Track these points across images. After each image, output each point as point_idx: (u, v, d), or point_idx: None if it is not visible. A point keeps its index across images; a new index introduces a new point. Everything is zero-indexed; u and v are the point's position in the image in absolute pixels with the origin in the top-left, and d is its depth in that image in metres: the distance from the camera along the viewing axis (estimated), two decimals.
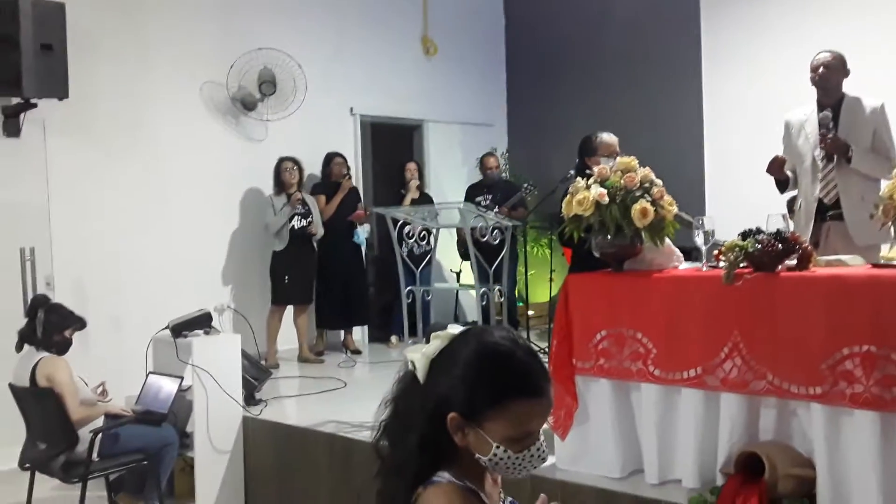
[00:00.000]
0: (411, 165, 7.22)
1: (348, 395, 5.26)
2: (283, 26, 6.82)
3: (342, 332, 6.93)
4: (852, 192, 3.89)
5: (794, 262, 2.95)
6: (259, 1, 6.78)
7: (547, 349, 3.87)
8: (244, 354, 4.87)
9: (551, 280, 6.43)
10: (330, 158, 6.79)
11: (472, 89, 8.23)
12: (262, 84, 6.56)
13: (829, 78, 3.97)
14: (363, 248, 6.92)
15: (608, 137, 4.57)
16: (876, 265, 2.92)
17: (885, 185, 2.96)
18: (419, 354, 1.40)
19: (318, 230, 6.43)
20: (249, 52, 6.49)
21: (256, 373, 5.05)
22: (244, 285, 6.54)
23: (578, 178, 3.37)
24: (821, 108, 3.99)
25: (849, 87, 4.05)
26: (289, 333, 6.49)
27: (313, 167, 6.80)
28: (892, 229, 2.83)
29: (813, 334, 2.80)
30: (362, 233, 6.81)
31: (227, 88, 6.50)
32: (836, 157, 3.91)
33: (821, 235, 3.96)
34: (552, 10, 8.06)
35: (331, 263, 6.58)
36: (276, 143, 6.64)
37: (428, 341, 1.43)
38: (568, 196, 3.35)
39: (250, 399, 4.86)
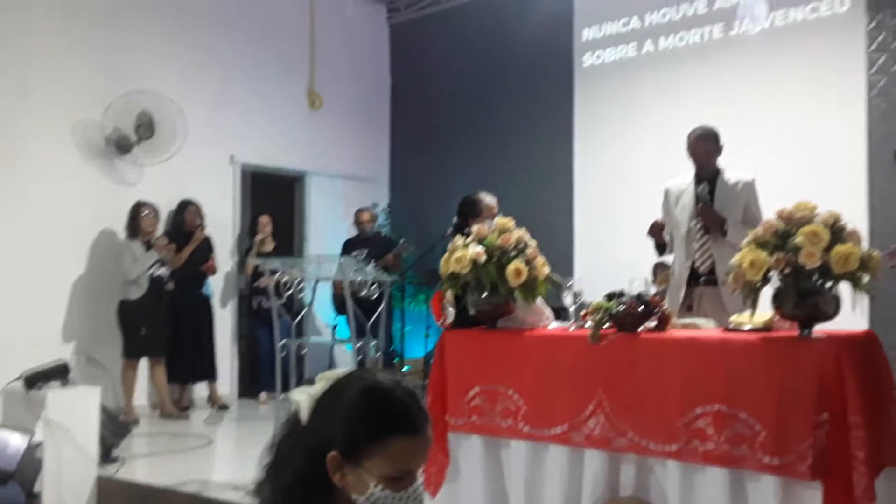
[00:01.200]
0: (263, 219, 7.11)
1: (213, 453, 5.05)
2: (166, 69, 6.69)
3: (207, 387, 6.69)
4: (727, 261, 4.09)
5: (654, 323, 3.12)
6: (144, 42, 6.63)
7: None
8: (102, 409, 4.61)
9: (427, 336, 6.49)
10: (184, 206, 6.62)
11: (356, 144, 8.31)
12: (140, 127, 6.38)
13: (706, 153, 4.23)
14: (211, 300, 6.81)
15: (491, 200, 4.74)
16: (727, 329, 3.13)
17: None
18: (304, 395, 1.43)
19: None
20: (129, 93, 6.31)
21: (115, 428, 4.79)
22: (103, 334, 6.20)
23: (457, 237, 3.45)
24: (698, 180, 4.23)
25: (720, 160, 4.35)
26: (150, 386, 6.20)
27: None
28: (742, 296, 3.03)
29: (670, 393, 2.94)
30: (212, 284, 6.67)
31: (102, 128, 6.26)
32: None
33: (693, 300, 4.17)
34: (437, 73, 8.32)
35: (180, 315, 6.38)
36: (150, 188, 6.44)
37: None
38: (446, 254, 3.42)
39: (106, 457, 4.59)
